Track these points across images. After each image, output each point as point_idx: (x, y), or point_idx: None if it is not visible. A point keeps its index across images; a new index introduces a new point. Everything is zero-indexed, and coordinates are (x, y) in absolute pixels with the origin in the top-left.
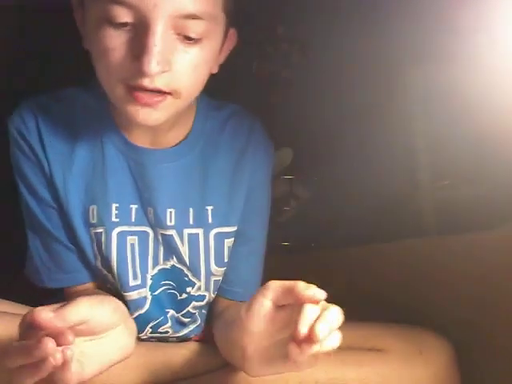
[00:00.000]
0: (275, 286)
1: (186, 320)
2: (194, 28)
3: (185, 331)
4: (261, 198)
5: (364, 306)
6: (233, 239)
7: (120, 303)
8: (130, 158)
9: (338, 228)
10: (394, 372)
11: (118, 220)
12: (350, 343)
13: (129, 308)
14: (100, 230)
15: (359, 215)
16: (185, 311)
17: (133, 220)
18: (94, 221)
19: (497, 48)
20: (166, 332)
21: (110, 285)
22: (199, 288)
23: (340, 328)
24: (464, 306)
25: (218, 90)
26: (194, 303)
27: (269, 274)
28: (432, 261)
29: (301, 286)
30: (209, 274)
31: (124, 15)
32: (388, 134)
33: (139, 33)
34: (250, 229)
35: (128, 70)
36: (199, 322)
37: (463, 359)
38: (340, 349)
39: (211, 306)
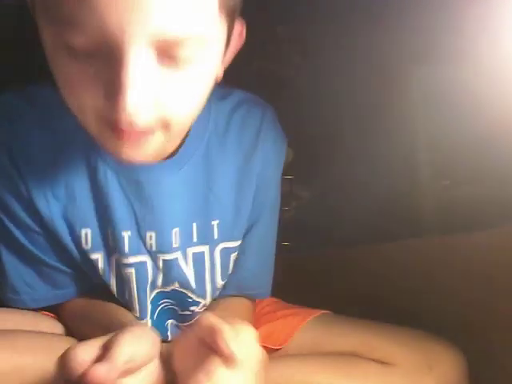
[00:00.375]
0: (205, 323)
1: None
2: (183, 52)
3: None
4: (263, 205)
5: (364, 306)
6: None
7: (152, 332)
8: (122, 175)
9: (338, 228)
10: None
11: (112, 247)
12: (356, 351)
13: None
14: (96, 256)
15: (359, 215)
16: (188, 323)
17: (126, 250)
18: (88, 247)
19: (497, 48)
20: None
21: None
22: (204, 305)
23: (345, 333)
24: (464, 305)
25: None
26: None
27: None
28: (432, 261)
29: (226, 336)
30: (214, 290)
31: (85, 42)
32: (388, 134)
33: (108, 61)
34: (247, 238)
35: (102, 105)
36: None
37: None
38: (346, 359)
39: None
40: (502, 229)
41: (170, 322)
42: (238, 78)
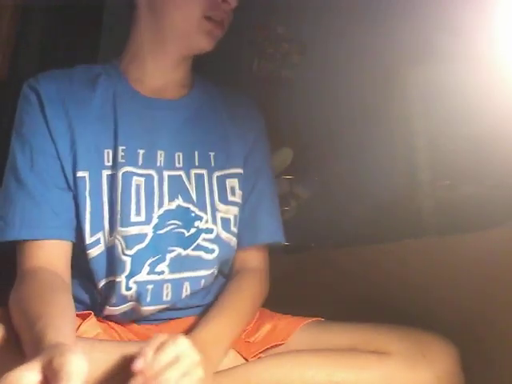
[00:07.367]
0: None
1: (197, 253)
2: None
3: (182, 274)
4: (260, 154)
5: (364, 306)
6: (234, 179)
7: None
8: (141, 106)
9: (338, 228)
10: (396, 375)
11: (124, 161)
12: (353, 345)
13: (127, 244)
14: (110, 171)
15: (359, 215)
16: (195, 245)
17: (140, 163)
18: (109, 163)
19: (497, 48)
20: (162, 272)
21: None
22: (206, 221)
23: (342, 330)
24: (464, 304)
25: None
26: (204, 235)
27: (269, 274)
28: (432, 260)
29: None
30: (214, 208)
31: None
32: (388, 134)
33: None
34: (254, 194)
35: (212, 4)
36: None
37: (463, 359)
38: (342, 351)
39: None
40: (501, 229)
41: (176, 251)
42: (238, 77)
